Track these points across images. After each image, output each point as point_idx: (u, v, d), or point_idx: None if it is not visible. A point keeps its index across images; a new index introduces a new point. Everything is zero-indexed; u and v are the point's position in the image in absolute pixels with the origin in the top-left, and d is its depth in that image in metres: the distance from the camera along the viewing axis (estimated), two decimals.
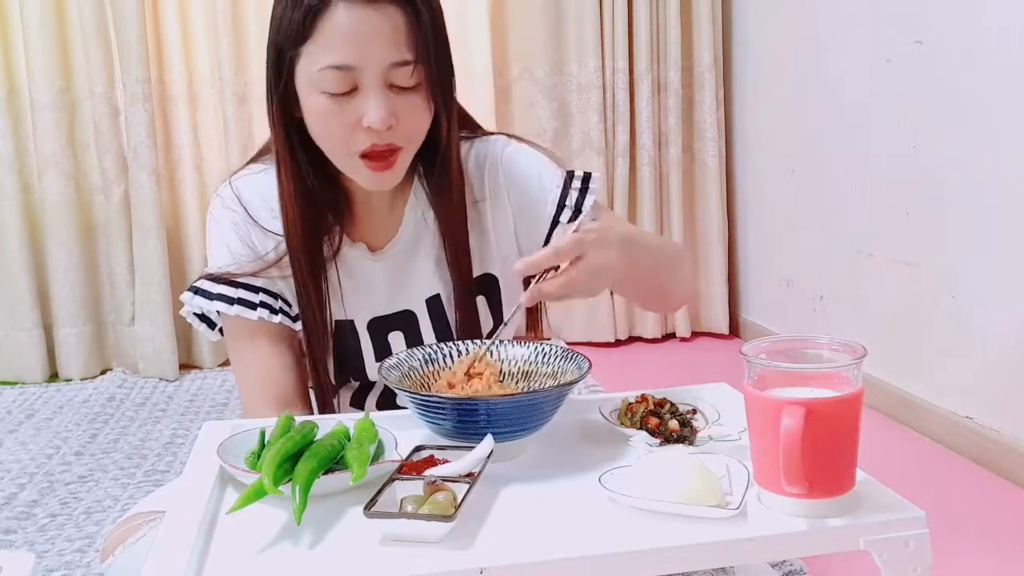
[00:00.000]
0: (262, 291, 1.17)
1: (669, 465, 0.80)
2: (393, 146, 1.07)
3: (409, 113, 1.07)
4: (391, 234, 1.22)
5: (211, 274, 1.18)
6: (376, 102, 1.04)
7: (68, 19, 2.90)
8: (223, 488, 0.88)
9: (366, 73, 1.04)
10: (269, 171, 1.19)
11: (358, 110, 1.05)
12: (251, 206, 1.19)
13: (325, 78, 1.04)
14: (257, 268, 1.17)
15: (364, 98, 1.05)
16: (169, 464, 2.20)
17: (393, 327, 1.22)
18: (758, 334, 2.95)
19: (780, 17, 2.87)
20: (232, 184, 1.21)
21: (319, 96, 1.06)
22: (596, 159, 3.11)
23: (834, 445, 0.76)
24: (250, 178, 1.21)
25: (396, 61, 1.04)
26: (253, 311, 1.16)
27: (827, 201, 2.62)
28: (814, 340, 0.82)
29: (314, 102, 1.07)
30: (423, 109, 1.09)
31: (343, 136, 1.07)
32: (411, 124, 1.08)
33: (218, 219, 1.20)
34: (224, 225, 1.20)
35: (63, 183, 2.94)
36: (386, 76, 1.05)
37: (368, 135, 1.06)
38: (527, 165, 1.24)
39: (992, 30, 1.92)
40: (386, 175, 1.10)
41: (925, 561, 0.76)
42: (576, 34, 3.08)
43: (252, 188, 1.20)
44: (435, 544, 0.74)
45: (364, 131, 1.05)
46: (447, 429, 0.91)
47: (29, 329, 2.97)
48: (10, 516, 1.91)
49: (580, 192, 1.23)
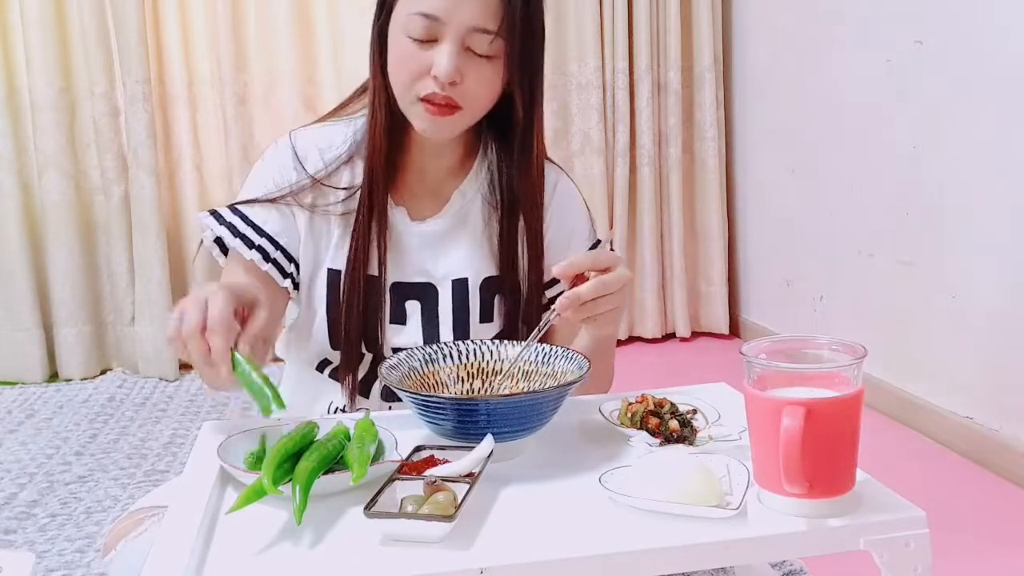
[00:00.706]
0: (266, 236, 1.21)
1: (669, 465, 0.80)
2: (452, 101, 1.12)
3: (475, 78, 1.12)
4: (435, 210, 1.25)
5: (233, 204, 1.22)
6: (448, 55, 1.09)
7: (68, 19, 2.90)
8: (223, 488, 0.88)
9: (448, 28, 1.10)
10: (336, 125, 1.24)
11: (431, 58, 1.11)
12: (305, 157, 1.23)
13: (412, 23, 1.10)
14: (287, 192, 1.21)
15: (439, 50, 1.10)
16: (169, 464, 2.20)
17: (413, 296, 1.24)
18: (758, 334, 2.95)
19: (780, 17, 2.87)
20: (292, 134, 1.26)
21: (403, 39, 1.12)
22: (596, 159, 3.12)
23: (834, 445, 0.76)
24: (310, 131, 1.26)
25: (478, 26, 1.10)
26: (249, 250, 1.19)
27: (827, 201, 2.62)
28: (814, 340, 0.82)
29: (398, 42, 1.13)
30: (491, 80, 1.14)
31: (411, 78, 1.12)
32: (474, 88, 1.13)
33: (266, 160, 1.25)
34: (268, 166, 1.24)
35: (63, 183, 2.94)
36: (465, 37, 1.10)
37: (432, 83, 1.11)
38: (573, 209, 1.31)
39: (992, 30, 1.92)
40: (441, 121, 1.13)
41: (925, 561, 0.76)
42: (576, 34, 3.08)
43: (309, 139, 1.24)
44: (435, 544, 0.74)
45: (431, 79, 1.11)
46: (447, 429, 0.91)
47: (29, 329, 2.97)
48: (10, 516, 1.91)
49: None
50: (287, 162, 1.23)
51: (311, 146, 1.24)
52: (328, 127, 1.26)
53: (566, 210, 1.30)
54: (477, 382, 1.04)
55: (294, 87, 3.03)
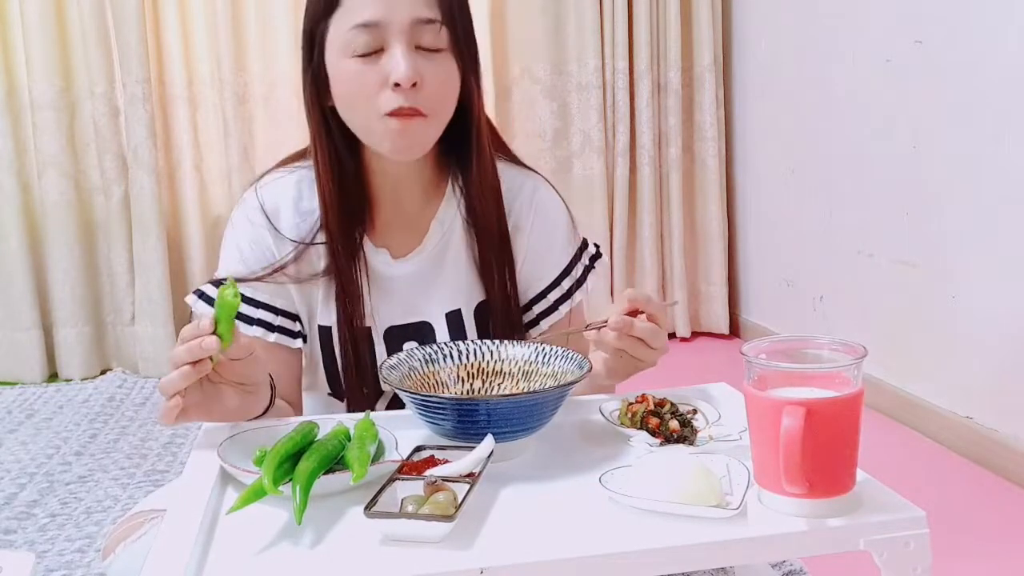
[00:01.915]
0: (262, 307, 1.17)
1: (669, 465, 0.80)
2: (417, 109, 1.07)
3: (435, 76, 1.08)
4: (415, 243, 1.21)
5: (218, 279, 1.18)
6: (402, 57, 1.05)
7: (68, 19, 2.90)
8: (223, 488, 0.88)
9: (392, 29, 1.05)
10: (296, 173, 1.19)
11: (385, 69, 1.06)
12: (275, 215, 1.18)
13: (353, 40, 1.06)
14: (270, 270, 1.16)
15: (390, 56, 1.06)
16: (169, 464, 2.20)
17: (409, 337, 1.21)
18: (758, 334, 2.95)
19: (780, 17, 2.87)
20: (257, 191, 1.20)
21: (348, 61, 1.07)
22: (596, 159, 3.12)
23: (834, 445, 0.76)
24: (275, 185, 1.20)
25: (421, 17, 1.06)
26: (249, 326, 1.16)
27: (827, 201, 2.62)
28: (814, 340, 0.82)
29: (343, 68, 1.08)
30: (448, 75, 1.10)
31: (370, 96, 1.07)
32: (437, 88, 1.09)
33: (236, 226, 1.20)
34: (241, 232, 1.19)
35: (63, 183, 2.94)
36: (412, 34, 1.06)
37: (395, 94, 1.06)
38: (556, 217, 1.27)
39: (992, 30, 1.92)
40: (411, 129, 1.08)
41: (925, 561, 0.76)
42: (576, 34, 3.08)
43: (276, 194, 1.19)
44: (435, 544, 0.74)
45: (391, 90, 1.06)
46: (447, 429, 0.91)
47: (29, 329, 2.97)
48: (10, 516, 1.91)
49: (586, 268, 1.28)
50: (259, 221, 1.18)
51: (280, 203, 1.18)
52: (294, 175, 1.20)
53: (547, 221, 1.25)
54: (477, 382, 1.04)
55: (294, 87, 3.03)
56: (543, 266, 1.25)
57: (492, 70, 3.06)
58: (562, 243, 1.27)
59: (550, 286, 1.26)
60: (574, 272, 1.27)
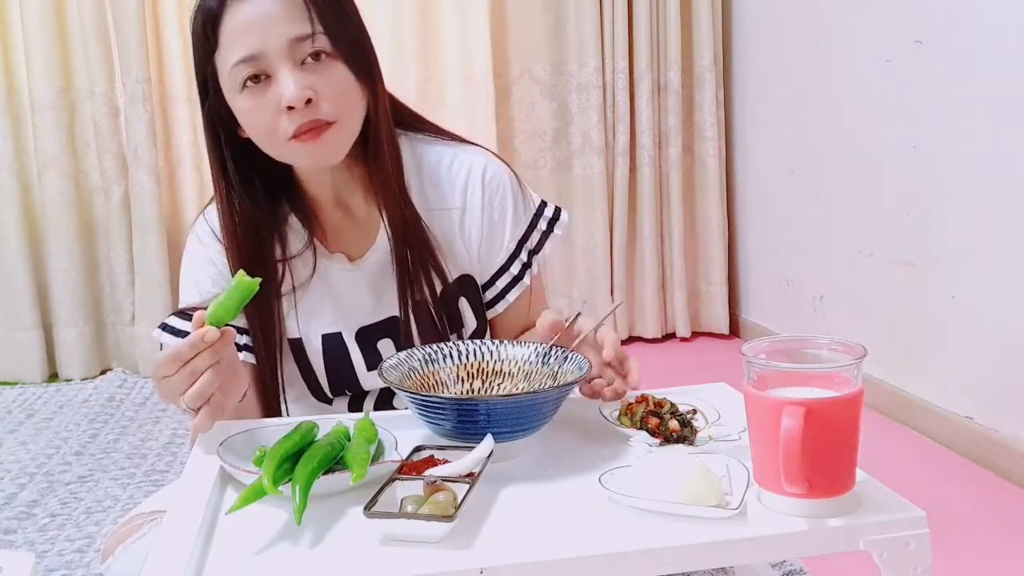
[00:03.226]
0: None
1: (669, 465, 0.80)
2: (319, 122, 1.07)
3: (327, 85, 1.07)
4: (369, 243, 1.22)
5: (180, 310, 1.19)
6: (288, 79, 1.05)
7: (68, 19, 2.90)
8: (223, 488, 0.88)
9: (271, 56, 1.05)
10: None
11: (275, 95, 1.06)
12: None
13: (237, 75, 1.06)
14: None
15: (278, 82, 1.06)
16: (169, 464, 2.20)
17: (381, 335, 1.22)
18: (758, 334, 2.95)
19: (780, 17, 2.87)
20: (206, 217, 1.21)
21: (241, 96, 1.08)
22: (596, 159, 3.12)
23: (834, 445, 0.76)
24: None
25: (295, 36, 1.06)
26: None
27: (827, 201, 2.62)
28: (814, 340, 0.81)
29: (239, 104, 1.09)
30: (342, 78, 1.09)
31: (270, 125, 1.08)
32: (332, 95, 1.08)
33: (191, 255, 1.22)
34: (195, 262, 1.20)
35: (63, 183, 2.94)
36: (292, 53, 1.06)
37: (291, 117, 1.06)
38: (502, 189, 1.25)
39: (992, 30, 1.92)
40: (317, 147, 1.08)
41: (925, 561, 0.76)
42: (576, 34, 3.08)
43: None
44: (435, 544, 0.74)
45: (286, 114, 1.06)
46: (447, 429, 0.91)
47: (28, 329, 2.97)
48: (10, 516, 1.91)
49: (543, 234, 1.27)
50: (212, 245, 1.19)
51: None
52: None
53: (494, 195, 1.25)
54: (477, 382, 1.04)
55: None
56: (498, 241, 1.25)
57: (492, 70, 3.05)
58: (514, 213, 1.26)
59: (511, 257, 1.26)
60: (531, 240, 1.27)
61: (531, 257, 1.27)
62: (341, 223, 1.21)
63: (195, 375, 0.91)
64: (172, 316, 1.19)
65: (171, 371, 0.91)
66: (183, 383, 0.91)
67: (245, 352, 1.18)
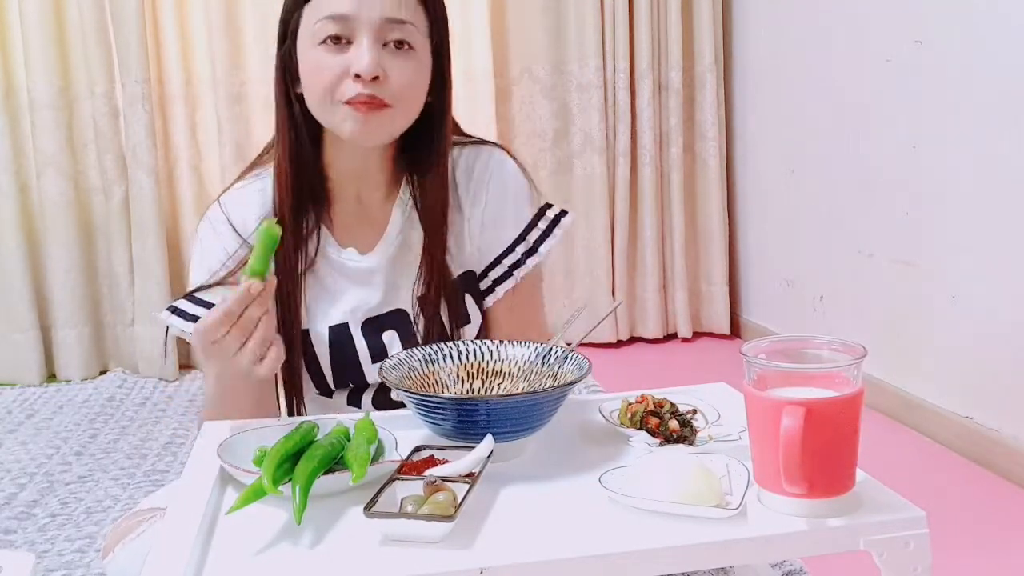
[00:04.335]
0: None
1: (669, 465, 0.80)
2: (378, 99, 1.08)
3: (399, 72, 1.09)
4: (379, 235, 1.23)
5: (189, 293, 1.19)
6: (366, 51, 1.07)
7: (68, 19, 2.90)
8: (223, 488, 0.88)
9: (360, 24, 1.07)
10: (258, 181, 1.21)
11: (348, 60, 1.08)
12: (242, 226, 1.19)
13: (322, 29, 1.08)
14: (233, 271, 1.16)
15: (356, 48, 1.08)
16: (169, 464, 2.20)
17: (387, 327, 1.23)
18: (758, 334, 2.95)
19: (780, 17, 2.87)
20: (221, 203, 1.21)
21: (315, 49, 1.09)
22: (597, 159, 3.12)
23: (834, 445, 0.76)
24: (238, 193, 1.22)
25: (391, 17, 1.08)
26: None
27: (827, 201, 2.62)
28: (814, 340, 0.82)
29: (311, 55, 1.10)
30: (415, 72, 1.11)
31: (331, 83, 1.09)
32: (400, 82, 1.09)
33: (203, 240, 1.21)
34: (210, 250, 1.20)
35: (62, 183, 2.93)
36: (380, 31, 1.08)
37: (354, 84, 1.08)
38: (511, 183, 1.26)
39: (992, 30, 1.92)
40: (370, 120, 1.09)
41: (925, 561, 0.76)
42: (577, 34, 3.08)
43: (240, 204, 1.21)
44: (435, 544, 0.74)
45: (352, 80, 1.08)
46: (447, 429, 0.91)
47: (27, 331, 2.96)
48: (10, 516, 1.91)
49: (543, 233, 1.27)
50: (226, 233, 1.19)
51: (243, 212, 1.19)
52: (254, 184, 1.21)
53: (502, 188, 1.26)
54: (477, 382, 1.04)
55: None
56: (499, 233, 1.26)
57: (492, 70, 3.06)
58: (517, 209, 1.27)
59: (504, 252, 1.26)
60: (529, 238, 1.27)
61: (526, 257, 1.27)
62: (353, 217, 1.23)
63: (249, 328, 0.93)
64: (182, 300, 1.19)
65: (224, 331, 0.93)
66: (238, 339, 0.93)
67: None
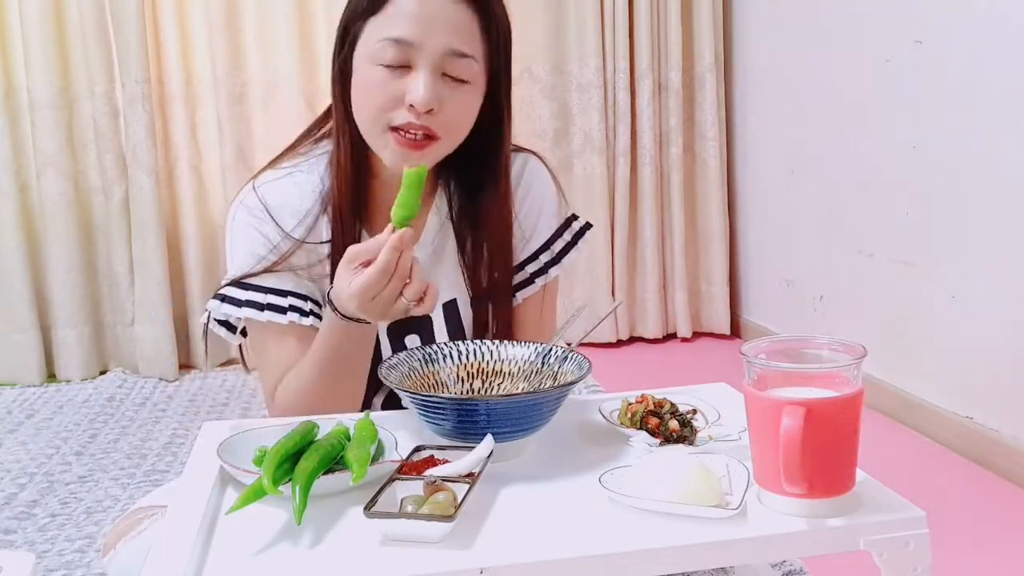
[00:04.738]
0: (291, 294, 1.16)
1: (669, 465, 0.80)
2: (429, 131, 1.08)
3: (454, 105, 1.09)
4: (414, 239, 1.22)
5: (236, 279, 1.17)
6: (425, 82, 1.06)
7: (67, 19, 2.90)
8: (223, 488, 0.88)
9: (422, 52, 1.06)
10: (294, 175, 1.19)
11: (405, 86, 1.07)
12: (278, 213, 1.18)
13: (383, 50, 1.07)
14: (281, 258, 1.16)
15: (414, 77, 1.06)
16: (169, 464, 2.20)
17: (411, 330, 1.22)
18: (758, 334, 2.95)
19: (780, 17, 2.87)
20: (257, 191, 1.19)
21: (373, 68, 1.08)
22: (597, 159, 3.12)
23: (834, 445, 0.76)
24: (275, 184, 1.20)
25: (454, 50, 1.07)
26: (283, 315, 1.15)
27: (827, 201, 2.62)
28: (814, 340, 0.82)
29: (366, 74, 1.09)
30: (469, 105, 1.12)
31: (383, 106, 1.08)
32: (453, 115, 1.10)
33: (243, 228, 1.19)
34: (250, 237, 1.18)
35: (62, 183, 2.93)
36: (441, 62, 1.07)
37: (406, 113, 1.07)
38: (542, 191, 1.28)
39: (992, 30, 1.92)
40: (412, 155, 1.09)
41: (925, 561, 0.76)
42: (577, 34, 3.08)
43: (278, 194, 1.19)
44: (435, 544, 0.74)
45: (405, 108, 1.07)
46: (447, 429, 0.91)
47: (27, 331, 2.96)
48: (10, 516, 1.91)
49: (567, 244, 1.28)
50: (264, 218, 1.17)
51: (280, 202, 1.18)
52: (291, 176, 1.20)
53: (534, 196, 1.27)
54: (477, 382, 1.04)
55: (294, 87, 3.02)
56: (525, 240, 1.26)
57: None
58: (547, 217, 1.28)
59: (528, 259, 1.27)
60: (553, 247, 1.28)
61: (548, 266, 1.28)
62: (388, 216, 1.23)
63: (404, 276, 0.97)
64: (228, 287, 1.17)
65: (383, 283, 0.96)
66: (398, 287, 0.97)
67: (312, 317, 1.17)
